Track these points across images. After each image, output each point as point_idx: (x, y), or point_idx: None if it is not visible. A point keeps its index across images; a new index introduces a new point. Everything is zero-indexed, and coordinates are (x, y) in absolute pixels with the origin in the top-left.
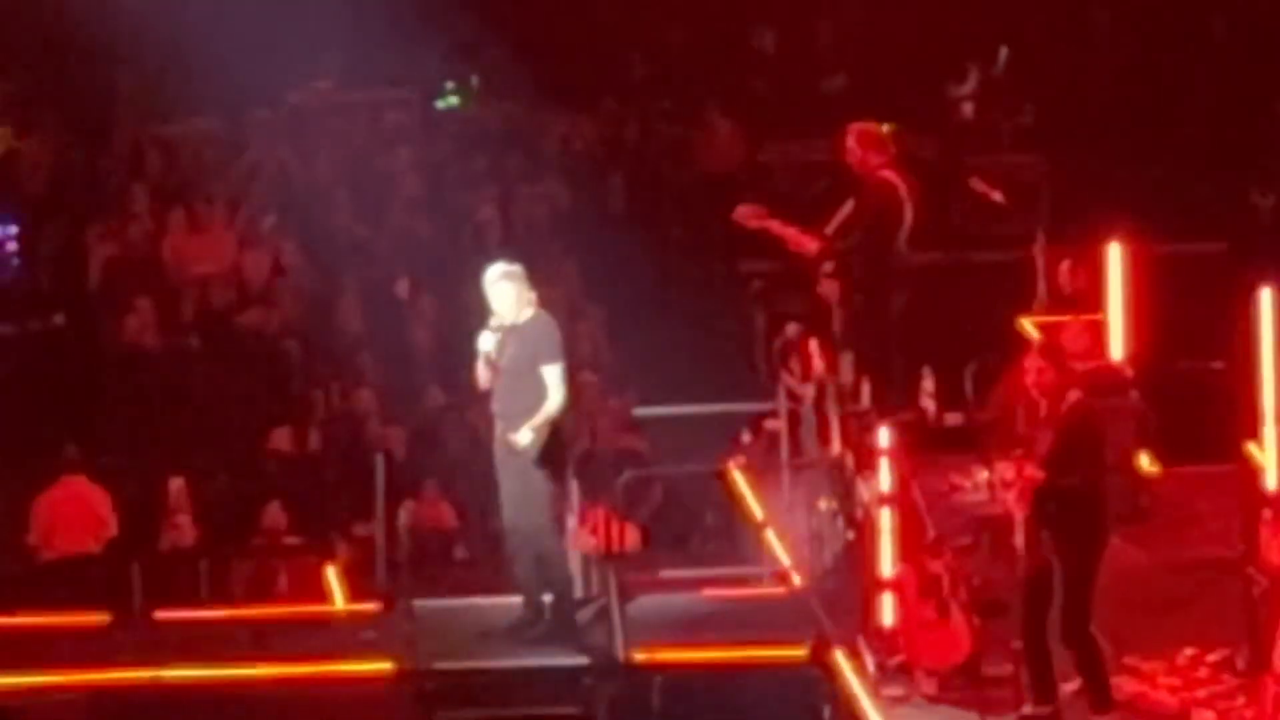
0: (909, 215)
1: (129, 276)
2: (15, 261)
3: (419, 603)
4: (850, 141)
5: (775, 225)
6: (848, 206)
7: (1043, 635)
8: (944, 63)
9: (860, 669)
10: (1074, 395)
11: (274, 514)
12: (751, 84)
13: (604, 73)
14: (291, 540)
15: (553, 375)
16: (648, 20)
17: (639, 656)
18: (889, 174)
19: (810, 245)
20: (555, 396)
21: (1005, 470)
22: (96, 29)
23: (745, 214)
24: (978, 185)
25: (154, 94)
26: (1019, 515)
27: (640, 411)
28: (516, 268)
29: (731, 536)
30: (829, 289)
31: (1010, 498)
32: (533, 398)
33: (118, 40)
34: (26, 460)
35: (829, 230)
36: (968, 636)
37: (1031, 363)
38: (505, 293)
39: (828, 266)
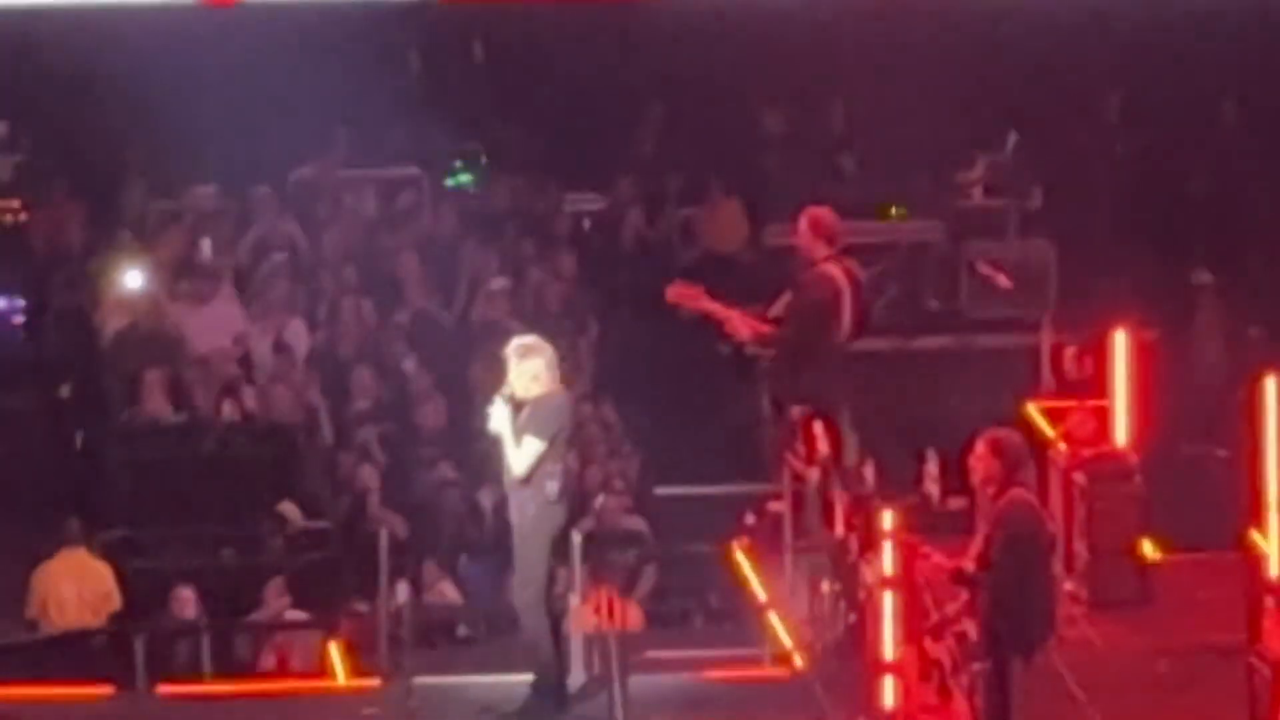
0: (847, 310)
1: (136, 349)
2: (21, 334)
3: (420, 680)
4: (803, 224)
5: (712, 306)
6: (787, 295)
7: None
8: (953, 147)
9: None
10: (1016, 493)
11: (277, 590)
12: (760, 164)
13: (613, 151)
14: (294, 616)
15: (529, 446)
16: (657, 99)
17: None
18: (830, 267)
19: (743, 331)
20: (520, 464)
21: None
22: (106, 102)
23: (679, 294)
24: (984, 269)
25: (163, 167)
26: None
27: (645, 491)
28: (533, 341)
29: (734, 617)
30: None
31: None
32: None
33: (128, 114)
34: (30, 533)
35: (770, 315)
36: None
37: (977, 450)
38: (515, 367)
39: (764, 352)
